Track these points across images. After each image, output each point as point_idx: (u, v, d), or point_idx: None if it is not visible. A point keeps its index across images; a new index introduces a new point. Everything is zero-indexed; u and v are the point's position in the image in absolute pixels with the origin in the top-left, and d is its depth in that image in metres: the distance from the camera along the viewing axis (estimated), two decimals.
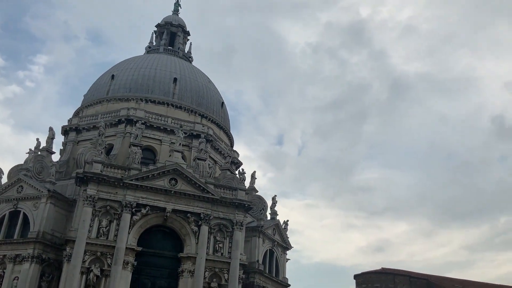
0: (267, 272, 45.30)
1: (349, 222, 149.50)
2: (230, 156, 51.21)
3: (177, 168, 39.04)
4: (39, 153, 44.28)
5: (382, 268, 74.57)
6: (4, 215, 39.61)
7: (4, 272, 37.15)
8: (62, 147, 51.02)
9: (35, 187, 39.45)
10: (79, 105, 54.83)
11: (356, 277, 74.67)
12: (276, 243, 47.33)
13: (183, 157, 42.38)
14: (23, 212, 39.18)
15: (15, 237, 38.43)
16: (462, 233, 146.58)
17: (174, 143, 43.96)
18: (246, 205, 40.68)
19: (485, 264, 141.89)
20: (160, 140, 47.19)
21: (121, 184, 37.34)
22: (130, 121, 46.85)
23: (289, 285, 49.00)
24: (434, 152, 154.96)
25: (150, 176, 38.29)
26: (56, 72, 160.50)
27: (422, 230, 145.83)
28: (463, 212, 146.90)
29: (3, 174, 42.90)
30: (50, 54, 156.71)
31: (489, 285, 75.40)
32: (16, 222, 39.24)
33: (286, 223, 49.82)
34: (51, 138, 46.37)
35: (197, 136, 48.40)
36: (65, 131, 50.31)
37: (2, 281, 36.93)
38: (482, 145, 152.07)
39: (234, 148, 57.45)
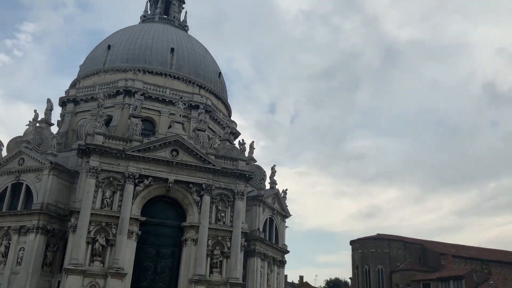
0: (268, 239, 46.30)
1: (341, 189, 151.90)
2: (229, 127, 51.46)
3: (178, 140, 39.20)
4: (37, 125, 44.22)
5: (378, 234, 76.08)
6: (7, 187, 39.83)
7: (9, 244, 37.68)
8: (60, 119, 50.88)
9: (37, 159, 39.55)
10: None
11: (352, 242, 76.25)
12: (275, 211, 48.15)
13: (183, 128, 42.48)
14: (26, 184, 39.38)
15: (19, 208, 38.74)
16: (451, 198, 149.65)
17: (173, 114, 43.94)
18: (247, 175, 41.14)
19: (474, 228, 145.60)
20: (159, 111, 47.23)
21: (123, 155, 37.48)
22: (128, 92, 46.77)
23: (288, 252, 50.28)
24: (425, 119, 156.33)
25: (151, 147, 38.42)
26: (44, 41, 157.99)
27: (412, 196, 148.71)
28: (453, 178, 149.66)
29: (3, 146, 42.87)
30: (37, 22, 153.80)
31: (481, 249, 77.42)
32: (19, 194, 39.49)
33: (285, 192, 50.54)
34: (49, 110, 46.40)
35: (196, 107, 48.39)
36: (63, 103, 50.12)
37: (8, 252, 37.54)
38: (473, 111, 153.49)
39: (231, 118, 57.56)
